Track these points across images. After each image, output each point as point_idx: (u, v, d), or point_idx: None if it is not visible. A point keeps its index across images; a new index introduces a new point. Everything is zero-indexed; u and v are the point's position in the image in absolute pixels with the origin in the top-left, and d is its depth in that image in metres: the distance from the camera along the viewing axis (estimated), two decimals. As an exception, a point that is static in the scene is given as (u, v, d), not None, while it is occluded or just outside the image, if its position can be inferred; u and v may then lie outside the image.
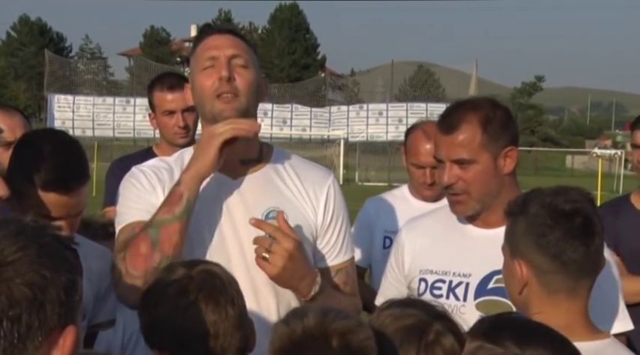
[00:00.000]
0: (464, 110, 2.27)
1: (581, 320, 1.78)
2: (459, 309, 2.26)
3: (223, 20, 60.88)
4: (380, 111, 36.74)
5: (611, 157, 43.48)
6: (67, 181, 2.17)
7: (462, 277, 2.29)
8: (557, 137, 66.75)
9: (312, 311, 1.53)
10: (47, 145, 2.20)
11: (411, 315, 1.68)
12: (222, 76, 2.13)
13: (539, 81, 64.82)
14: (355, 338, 1.48)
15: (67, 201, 2.19)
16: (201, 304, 1.66)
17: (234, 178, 2.23)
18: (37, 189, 2.16)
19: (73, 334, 1.15)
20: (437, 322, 1.67)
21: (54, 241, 1.18)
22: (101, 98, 37.51)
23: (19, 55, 57.79)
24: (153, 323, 1.70)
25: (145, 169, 2.26)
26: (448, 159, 2.27)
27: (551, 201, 1.78)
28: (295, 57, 60.25)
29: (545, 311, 1.77)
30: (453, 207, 2.33)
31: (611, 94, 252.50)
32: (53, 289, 1.13)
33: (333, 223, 2.28)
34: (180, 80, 3.71)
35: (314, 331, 1.48)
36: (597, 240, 1.78)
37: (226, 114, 2.13)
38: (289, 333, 1.50)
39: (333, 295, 2.19)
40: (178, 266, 1.76)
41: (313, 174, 2.32)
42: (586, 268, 1.77)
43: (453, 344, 1.65)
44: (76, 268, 1.19)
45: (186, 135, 3.71)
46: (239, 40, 2.22)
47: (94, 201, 3.89)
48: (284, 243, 2.03)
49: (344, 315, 1.54)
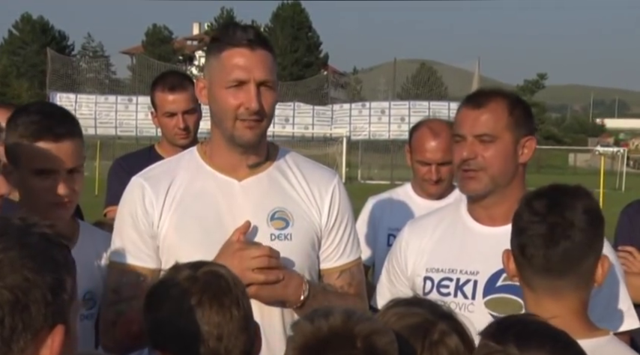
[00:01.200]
0: (494, 93, 2.35)
1: (571, 316, 1.78)
2: (467, 308, 2.26)
3: (225, 19, 60.87)
4: (382, 110, 36.74)
5: (614, 155, 43.44)
6: (53, 127, 2.21)
7: (469, 275, 2.29)
8: (559, 135, 66.74)
9: (338, 311, 1.53)
10: (35, 105, 2.37)
11: (416, 314, 1.68)
12: (251, 108, 2.11)
13: (542, 79, 64.68)
14: (379, 341, 1.48)
15: (57, 149, 2.21)
16: (205, 305, 1.64)
17: (239, 180, 2.23)
18: (27, 143, 2.20)
19: (61, 333, 1.15)
20: (442, 322, 1.66)
21: (40, 240, 1.17)
22: (103, 96, 37.54)
23: (21, 53, 57.85)
24: (156, 324, 1.69)
25: (143, 184, 2.23)
26: (472, 133, 2.29)
27: (530, 199, 1.82)
28: (297, 55, 60.25)
29: (530, 304, 1.81)
30: (466, 185, 2.31)
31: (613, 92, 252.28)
32: (37, 290, 1.12)
33: (337, 224, 2.28)
34: (183, 80, 3.71)
35: (340, 330, 1.48)
36: (576, 238, 1.76)
37: (248, 139, 2.15)
38: (315, 331, 1.49)
39: (327, 299, 2.19)
40: (184, 267, 1.74)
41: (318, 175, 2.31)
42: (555, 268, 1.76)
43: (458, 345, 1.64)
44: (64, 266, 1.17)
45: (187, 137, 3.69)
46: (267, 55, 2.16)
47: (96, 199, 3.90)
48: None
49: (367, 317, 1.55)
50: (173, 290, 1.68)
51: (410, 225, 2.55)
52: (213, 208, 2.18)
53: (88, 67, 49.22)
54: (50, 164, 2.20)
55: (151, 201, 2.20)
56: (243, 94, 2.12)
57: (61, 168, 2.22)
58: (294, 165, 2.30)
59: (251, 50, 2.13)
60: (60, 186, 2.22)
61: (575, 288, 1.79)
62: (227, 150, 2.21)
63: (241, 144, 2.17)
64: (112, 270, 2.25)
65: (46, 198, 2.23)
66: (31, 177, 2.22)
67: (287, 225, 2.20)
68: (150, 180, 2.24)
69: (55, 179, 2.22)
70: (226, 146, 2.20)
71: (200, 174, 2.23)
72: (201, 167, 2.25)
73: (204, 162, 2.25)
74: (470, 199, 2.37)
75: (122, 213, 2.26)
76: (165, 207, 2.19)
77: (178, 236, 2.17)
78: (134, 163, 3.41)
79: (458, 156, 2.31)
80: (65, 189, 2.23)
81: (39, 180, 2.22)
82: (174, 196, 2.20)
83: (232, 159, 2.22)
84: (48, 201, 2.23)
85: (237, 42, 2.13)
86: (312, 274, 2.27)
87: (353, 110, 37.15)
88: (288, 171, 2.28)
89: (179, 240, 2.16)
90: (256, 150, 2.21)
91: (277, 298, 2.11)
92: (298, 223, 2.21)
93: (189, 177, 2.23)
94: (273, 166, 2.27)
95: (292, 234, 2.20)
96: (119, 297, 2.20)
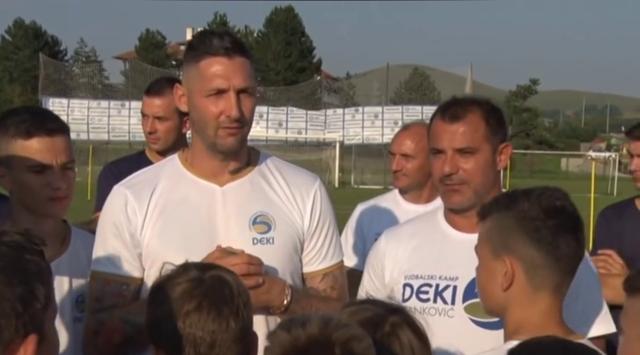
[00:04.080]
0: (467, 103, 2.32)
1: (557, 320, 1.81)
2: (447, 313, 2.26)
3: (219, 24, 60.80)
4: (375, 114, 36.78)
5: (606, 160, 43.55)
6: (44, 123, 2.27)
7: (449, 280, 2.28)
8: (552, 140, 66.84)
9: (314, 319, 1.52)
10: (21, 107, 2.49)
11: (368, 310, 1.71)
12: (232, 116, 2.13)
13: (535, 84, 64.84)
14: (357, 347, 1.48)
15: (52, 144, 2.26)
16: (204, 311, 1.65)
17: (221, 185, 2.24)
18: (20, 142, 2.25)
19: (34, 343, 1.15)
20: (392, 315, 1.69)
21: (9, 250, 1.16)
22: (96, 101, 37.50)
23: (13, 58, 57.66)
24: (155, 320, 1.70)
25: (126, 193, 2.25)
26: (451, 147, 2.27)
27: (541, 197, 1.82)
28: (291, 60, 60.23)
29: (524, 308, 1.80)
30: (450, 198, 2.30)
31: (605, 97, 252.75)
32: (6, 303, 1.12)
33: (319, 227, 2.29)
34: (164, 86, 3.64)
35: (318, 338, 1.47)
36: (581, 236, 1.84)
37: (230, 146, 2.17)
38: (292, 340, 1.48)
39: (310, 303, 2.20)
40: (192, 267, 1.74)
41: (300, 179, 2.32)
42: (574, 264, 1.82)
43: (410, 337, 1.66)
44: (36, 275, 1.17)
45: (156, 142, 3.68)
46: (245, 62, 2.17)
47: (89, 205, 3.91)
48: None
49: (344, 324, 1.54)
50: (176, 289, 1.68)
51: (386, 233, 2.54)
52: (196, 214, 2.20)
53: (80, 72, 49.11)
54: (45, 159, 2.25)
55: (133, 208, 2.21)
56: (224, 102, 2.13)
57: (55, 163, 2.26)
58: (275, 170, 2.31)
59: (229, 58, 2.13)
60: (55, 180, 2.26)
61: (568, 287, 1.84)
62: (208, 156, 2.22)
63: (223, 151, 2.19)
64: (95, 279, 2.25)
65: (42, 194, 2.26)
66: (26, 174, 2.26)
67: (269, 229, 2.21)
68: (132, 188, 2.25)
69: (50, 174, 2.26)
70: (207, 152, 2.22)
71: (182, 181, 2.25)
72: (183, 174, 2.26)
73: (185, 169, 2.27)
74: (451, 210, 2.37)
75: (104, 221, 2.27)
76: (147, 214, 2.21)
77: (161, 243, 2.18)
78: (124, 168, 3.41)
79: (439, 171, 2.29)
80: (61, 182, 2.27)
81: (34, 176, 2.26)
82: (156, 203, 2.22)
83: (213, 165, 2.23)
84: (44, 196, 2.26)
85: (214, 51, 2.14)
86: (295, 278, 2.27)
87: (346, 115, 37.19)
88: (269, 175, 2.29)
89: (162, 247, 2.17)
90: (237, 156, 2.23)
91: (260, 304, 2.11)
92: (280, 227, 2.22)
93: (171, 184, 2.25)
94: (255, 171, 2.28)
95: (274, 238, 2.21)
96: (101, 306, 2.21)
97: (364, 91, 58.06)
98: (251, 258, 2.11)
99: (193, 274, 1.70)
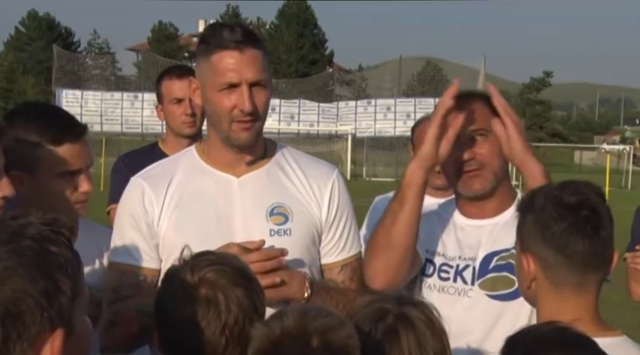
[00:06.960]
0: (468, 94, 2.35)
1: (591, 315, 1.78)
2: (466, 293, 2.31)
3: (231, 16, 60.83)
4: (388, 107, 36.71)
5: (620, 153, 43.31)
6: (71, 127, 2.19)
7: (468, 261, 2.33)
8: (565, 133, 66.52)
9: (292, 310, 1.51)
10: (30, 108, 2.30)
11: (376, 300, 1.69)
12: (245, 110, 2.12)
13: (548, 76, 64.44)
14: (336, 337, 1.45)
15: (81, 148, 2.20)
16: (204, 316, 1.62)
17: (238, 177, 2.24)
18: (49, 148, 2.15)
19: (60, 337, 1.14)
20: (402, 307, 1.65)
21: (33, 243, 1.14)
22: (109, 93, 37.60)
23: (27, 49, 57.88)
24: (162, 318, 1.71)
25: (143, 184, 2.24)
26: (466, 130, 2.29)
27: (557, 193, 1.78)
28: (303, 52, 60.17)
29: (552, 305, 1.77)
30: (472, 185, 2.32)
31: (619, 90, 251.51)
32: (30, 298, 1.11)
33: (337, 218, 2.29)
34: (190, 71, 3.67)
35: (293, 330, 1.45)
36: (604, 233, 1.77)
37: (244, 140, 2.17)
38: (268, 333, 1.47)
39: (329, 295, 2.19)
40: (205, 261, 1.70)
41: (317, 170, 2.31)
42: (591, 262, 1.76)
43: (421, 327, 1.63)
44: (61, 267, 1.15)
45: (193, 125, 3.66)
46: (257, 54, 2.15)
47: (101, 196, 3.89)
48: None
49: (325, 313, 1.50)
50: (183, 287, 1.67)
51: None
52: (213, 205, 2.19)
53: (93, 64, 49.21)
54: (76, 164, 2.19)
55: (150, 200, 2.21)
56: (236, 96, 2.12)
57: (84, 166, 2.21)
58: (292, 161, 2.30)
59: (240, 52, 2.11)
60: (85, 184, 2.21)
61: (598, 282, 1.79)
62: (224, 148, 2.22)
63: (237, 145, 2.19)
64: (112, 270, 2.26)
65: (70, 199, 2.20)
66: (55, 180, 2.18)
67: (286, 221, 2.20)
68: (149, 179, 2.26)
69: (79, 178, 2.20)
70: (223, 145, 2.22)
71: (198, 172, 2.24)
72: (200, 165, 2.26)
73: (202, 161, 2.27)
74: (466, 198, 2.38)
75: (122, 213, 2.27)
76: (164, 205, 2.21)
77: (178, 234, 2.17)
78: (137, 160, 3.40)
79: (454, 158, 2.30)
80: (90, 186, 2.23)
81: (64, 182, 2.18)
82: (173, 195, 2.21)
83: (229, 157, 2.23)
84: (73, 200, 2.20)
85: (225, 44, 2.12)
86: (313, 269, 2.27)
87: (358, 107, 37.13)
88: (286, 166, 2.28)
89: (179, 238, 2.15)
90: (253, 149, 2.23)
91: (281, 298, 2.10)
92: (298, 218, 2.21)
93: (187, 175, 2.24)
94: (272, 162, 2.27)
95: (292, 229, 2.20)
96: (118, 296, 2.21)
97: (376, 84, 58.01)
98: (269, 253, 2.09)
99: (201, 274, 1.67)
